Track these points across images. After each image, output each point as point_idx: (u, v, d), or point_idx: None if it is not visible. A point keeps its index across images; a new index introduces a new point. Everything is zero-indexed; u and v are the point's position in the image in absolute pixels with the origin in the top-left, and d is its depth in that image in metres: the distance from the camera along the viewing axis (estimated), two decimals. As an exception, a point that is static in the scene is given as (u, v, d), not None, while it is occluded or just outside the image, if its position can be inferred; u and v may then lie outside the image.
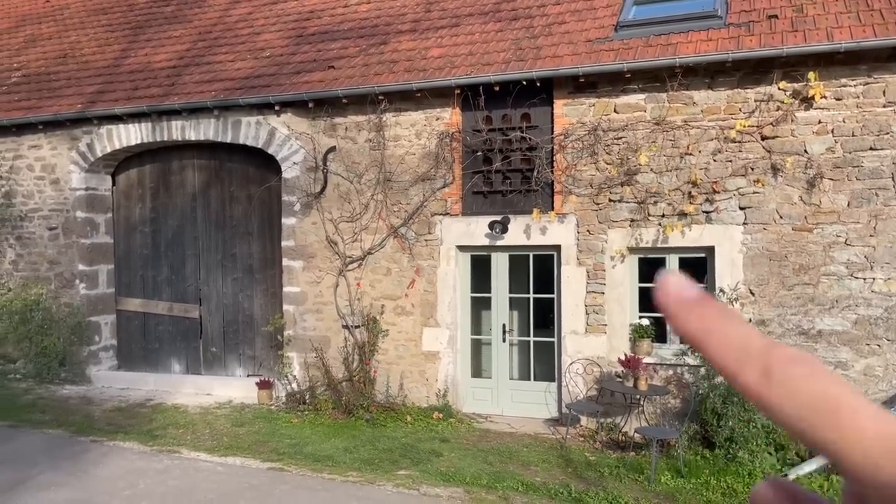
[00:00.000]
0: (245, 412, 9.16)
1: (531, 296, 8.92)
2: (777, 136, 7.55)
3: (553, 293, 8.66)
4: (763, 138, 7.61)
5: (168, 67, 11.10)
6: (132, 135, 10.51)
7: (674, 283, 0.42)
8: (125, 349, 11.37)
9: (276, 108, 9.52)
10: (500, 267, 8.98)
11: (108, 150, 10.68)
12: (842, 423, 0.35)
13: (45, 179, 11.19)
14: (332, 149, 9.47)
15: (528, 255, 8.83)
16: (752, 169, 7.64)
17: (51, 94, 11.49)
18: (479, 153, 8.78)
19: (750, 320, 7.61)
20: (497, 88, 8.43)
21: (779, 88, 7.53)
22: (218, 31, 11.68)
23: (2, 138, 11.42)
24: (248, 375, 10.45)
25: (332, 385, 9.18)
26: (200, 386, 10.35)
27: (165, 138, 10.33)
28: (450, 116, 8.91)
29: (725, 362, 0.39)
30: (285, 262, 9.79)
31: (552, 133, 8.44)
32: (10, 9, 15.60)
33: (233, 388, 10.13)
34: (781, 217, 7.53)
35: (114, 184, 11.32)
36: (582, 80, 8.13)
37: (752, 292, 7.62)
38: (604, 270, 8.23)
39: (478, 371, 9.35)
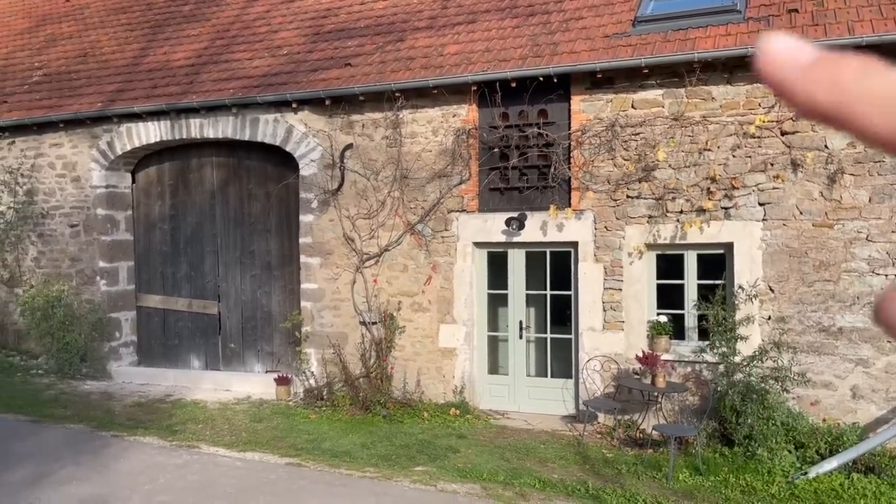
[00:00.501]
0: (263, 408, 9.22)
1: (548, 292, 8.90)
2: (797, 132, 7.47)
3: (570, 290, 8.64)
4: (783, 133, 7.53)
5: (186, 66, 11.19)
6: (151, 133, 10.61)
7: (780, 45, 0.32)
8: (145, 345, 11.48)
9: (294, 105, 9.57)
10: (516, 263, 8.97)
11: (128, 147, 10.79)
12: None
13: (66, 177, 11.32)
14: (349, 146, 9.50)
15: (545, 252, 8.81)
16: (772, 164, 7.57)
17: (71, 92, 11.62)
18: (496, 150, 8.77)
19: (769, 318, 7.56)
20: (514, 85, 8.41)
21: (799, 83, 7.44)
22: (236, 30, 11.75)
23: (24, 137, 11.57)
24: (266, 371, 10.52)
25: (349, 381, 9.22)
26: (219, 382, 10.44)
27: (184, 136, 10.41)
28: (466, 113, 8.90)
29: (883, 131, 0.28)
30: (303, 258, 9.84)
31: (569, 129, 8.41)
32: (31, 8, 15.78)
33: (251, 383, 10.20)
34: (801, 213, 7.45)
35: (133, 181, 11.43)
36: (599, 75, 8.09)
37: (771, 289, 7.56)
38: (621, 267, 8.20)
39: (494, 368, 9.35)
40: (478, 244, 9.02)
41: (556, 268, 8.79)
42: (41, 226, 11.51)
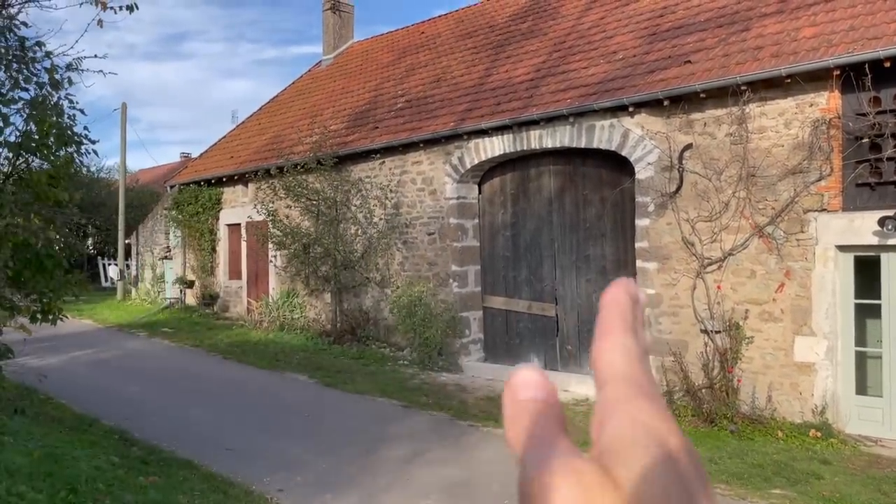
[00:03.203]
0: (602, 411, 9.30)
1: (936, 304, 7.56)
2: None
3: (968, 301, 7.22)
4: None
5: (526, 81, 11.83)
6: (496, 146, 11.44)
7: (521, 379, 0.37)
8: (490, 342, 12.40)
9: (630, 109, 9.53)
10: (892, 269, 7.78)
11: (476, 161, 11.77)
12: None
13: (424, 191, 12.75)
14: (689, 146, 9.15)
15: (932, 256, 7.50)
16: None
17: (428, 115, 13.06)
18: (865, 140, 7.71)
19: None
20: (888, 65, 7.33)
21: None
22: (571, 40, 12.10)
23: (391, 157, 13.31)
24: (602, 375, 10.62)
25: (690, 391, 8.87)
26: (558, 382, 10.74)
27: (524, 148, 11.02)
28: (826, 101, 7.99)
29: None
30: (639, 263, 9.73)
31: (966, 110, 7.05)
32: (393, 42, 18.15)
33: (588, 385, 10.37)
34: None
35: (479, 192, 12.43)
36: None
37: None
38: None
39: (863, 388, 8.22)
40: (841, 247, 8.02)
41: (947, 275, 7.43)
42: (405, 234, 13.12)
